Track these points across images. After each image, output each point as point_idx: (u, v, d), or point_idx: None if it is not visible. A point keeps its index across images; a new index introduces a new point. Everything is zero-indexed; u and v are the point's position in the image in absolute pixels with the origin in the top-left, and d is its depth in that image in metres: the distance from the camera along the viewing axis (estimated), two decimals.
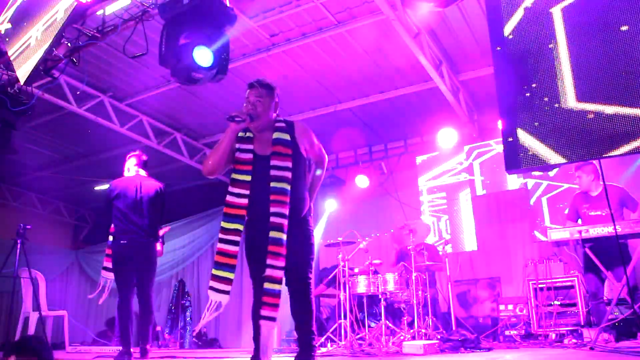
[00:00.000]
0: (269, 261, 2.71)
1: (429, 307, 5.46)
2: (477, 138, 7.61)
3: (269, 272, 2.71)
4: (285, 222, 2.74)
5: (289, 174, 2.80)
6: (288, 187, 2.78)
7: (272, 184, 2.77)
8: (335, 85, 7.11)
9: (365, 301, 5.64)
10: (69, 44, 4.57)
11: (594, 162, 4.67)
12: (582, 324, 4.96)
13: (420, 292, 5.37)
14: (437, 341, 4.68)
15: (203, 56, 3.76)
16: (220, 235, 2.84)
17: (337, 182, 8.45)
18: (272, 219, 2.73)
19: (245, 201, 2.83)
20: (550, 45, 2.97)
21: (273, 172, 2.79)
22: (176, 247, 9.60)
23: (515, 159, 3.01)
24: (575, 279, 5.21)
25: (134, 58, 4.93)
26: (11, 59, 4.57)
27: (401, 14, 5.17)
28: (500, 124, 3.25)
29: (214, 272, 2.85)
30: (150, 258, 4.48)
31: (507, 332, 5.63)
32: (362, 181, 8.19)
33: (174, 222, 9.54)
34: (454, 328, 5.48)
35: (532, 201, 7.05)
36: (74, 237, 12.07)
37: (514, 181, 7.31)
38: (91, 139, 8.29)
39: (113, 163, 9.24)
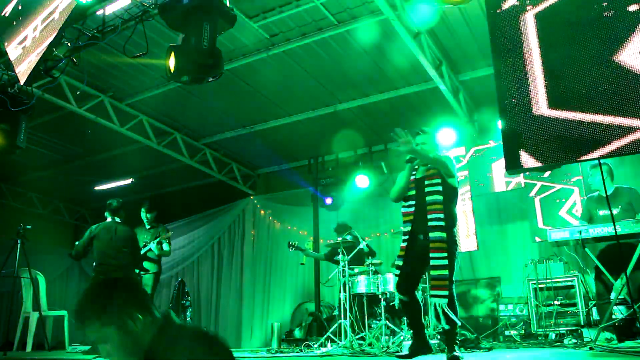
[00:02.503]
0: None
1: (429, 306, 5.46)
2: (476, 138, 7.60)
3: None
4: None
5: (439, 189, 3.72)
6: (440, 198, 3.70)
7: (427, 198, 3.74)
8: (335, 85, 7.11)
9: (365, 301, 5.65)
10: (69, 44, 4.57)
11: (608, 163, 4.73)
12: (582, 324, 4.96)
13: (420, 292, 5.37)
14: (437, 341, 4.68)
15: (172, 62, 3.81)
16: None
17: (337, 182, 8.44)
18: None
19: (412, 209, 3.85)
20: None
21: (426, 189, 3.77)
22: (176, 247, 9.60)
23: (515, 158, 3.01)
24: (575, 278, 5.21)
25: (134, 58, 4.94)
26: (10, 57, 4.57)
27: (401, 14, 5.16)
28: (500, 124, 3.25)
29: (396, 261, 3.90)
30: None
31: (507, 332, 5.63)
32: (362, 181, 8.19)
33: (174, 222, 9.56)
34: None
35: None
36: (74, 237, 12.06)
37: (513, 181, 7.30)
38: (91, 139, 8.30)
39: (113, 163, 9.28)
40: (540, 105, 2.96)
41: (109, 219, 5.68)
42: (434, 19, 5.42)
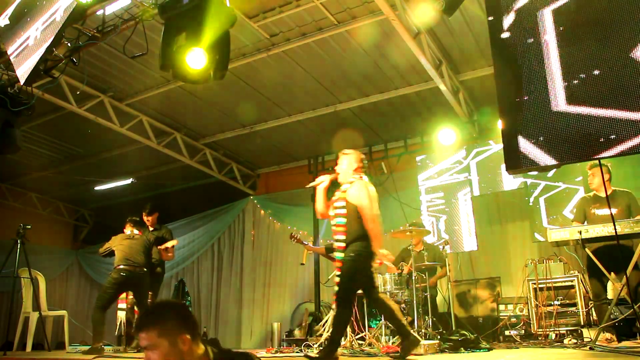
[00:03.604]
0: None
1: (429, 306, 5.46)
2: (476, 138, 7.60)
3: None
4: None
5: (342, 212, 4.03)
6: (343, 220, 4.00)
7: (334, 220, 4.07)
8: (335, 85, 7.11)
9: (365, 301, 5.64)
10: (69, 44, 4.56)
11: (608, 164, 4.75)
12: (582, 324, 4.96)
13: (420, 292, 5.37)
14: (437, 341, 4.68)
15: (196, 59, 3.79)
16: None
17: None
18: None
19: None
20: (541, 47, 2.98)
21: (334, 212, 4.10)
22: (176, 247, 9.59)
23: (515, 158, 3.01)
24: (575, 278, 5.21)
25: (134, 58, 4.93)
26: (11, 57, 4.57)
27: (401, 14, 5.16)
28: (500, 124, 3.25)
29: None
30: (144, 283, 5.94)
31: (507, 332, 5.63)
32: None
33: (174, 222, 9.56)
34: (454, 328, 5.48)
35: (530, 201, 7.05)
36: (74, 237, 12.07)
37: (513, 181, 7.29)
38: (91, 139, 8.30)
39: (113, 163, 9.28)
40: (542, 105, 2.95)
41: (128, 232, 6.10)
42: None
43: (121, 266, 5.72)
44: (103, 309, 5.63)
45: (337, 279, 3.90)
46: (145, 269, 5.92)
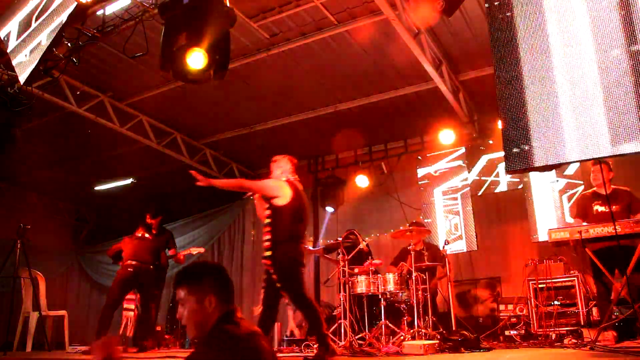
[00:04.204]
0: None
1: (429, 306, 5.46)
2: (476, 138, 7.60)
3: None
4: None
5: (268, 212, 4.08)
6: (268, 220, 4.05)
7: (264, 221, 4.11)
8: (335, 85, 7.11)
9: (365, 301, 5.64)
10: (69, 44, 4.57)
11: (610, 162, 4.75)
12: (582, 324, 4.96)
13: (420, 292, 5.37)
14: (437, 341, 4.68)
15: (196, 59, 3.79)
16: None
17: (337, 182, 8.45)
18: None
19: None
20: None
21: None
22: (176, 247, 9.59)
23: (515, 159, 3.01)
24: (575, 279, 5.21)
25: (134, 58, 4.94)
26: (9, 53, 4.57)
27: (401, 14, 5.17)
28: (500, 124, 3.25)
29: None
30: (150, 280, 6.12)
31: (507, 332, 5.63)
32: (362, 181, 8.19)
33: (174, 222, 9.56)
34: (454, 328, 5.48)
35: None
36: (74, 237, 12.06)
37: (512, 181, 7.30)
38: (91, 139, 8.29)
39: (113, 163, 9.27)
40: (540, 105, 2.95)
41: (139, 235, 6.25)
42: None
43: (128, 261, 5.85)
44: (112, 308, 5.70)
45: (276, 277, 3.99)
46: (151, 267, 6.03)
